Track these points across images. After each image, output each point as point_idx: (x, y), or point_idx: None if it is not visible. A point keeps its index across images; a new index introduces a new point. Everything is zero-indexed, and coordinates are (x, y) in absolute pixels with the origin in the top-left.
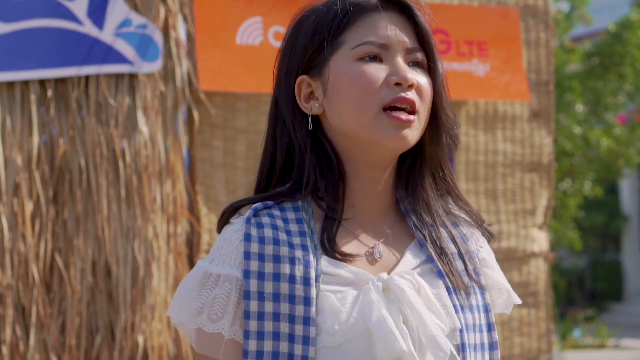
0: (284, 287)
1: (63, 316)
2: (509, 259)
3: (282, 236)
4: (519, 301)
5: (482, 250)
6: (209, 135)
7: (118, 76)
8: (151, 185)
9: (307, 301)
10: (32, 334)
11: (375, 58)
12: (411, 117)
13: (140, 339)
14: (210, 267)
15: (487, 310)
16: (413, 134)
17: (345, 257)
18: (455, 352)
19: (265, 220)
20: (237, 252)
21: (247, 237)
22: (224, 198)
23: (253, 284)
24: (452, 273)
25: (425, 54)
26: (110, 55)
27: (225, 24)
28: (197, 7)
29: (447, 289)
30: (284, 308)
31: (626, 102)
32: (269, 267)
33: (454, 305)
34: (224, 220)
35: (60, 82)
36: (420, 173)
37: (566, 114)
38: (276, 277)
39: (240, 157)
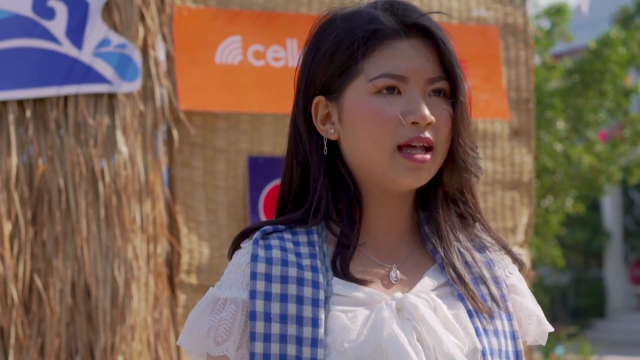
0: (292, 308)
1: (42, 337)
2: None
3: (291, 257)
4: (551, 329)
5: (512, 277)
6: (189, 154)
7: (97, 96)
8: (131, 205)
9: (315, 322)
10: (11, 356)
11: (394, 90)
12: (427, 156)
13: None
14: (219, 291)
15: (514, 337)
16: (429, 172)
17: (357, 280)
18: None
19: (275, 242)
20: (244, 274)
21: (254, 258)
22: (204, 218)
23: (259, 305)
24: (472, 297)
25: (449, 82)
26: (89, 75)
27: (204, 43)
28: (176, 27)
29: (468, 311)
30: (292, 329)
31: (607, 119)
32: (276, 288)
33: (476, 328)
34: (234, 245)
35: (39, 102)
36: (436, 200)
37: (547, 131)
38: (284, 297)
39: (220, 177)
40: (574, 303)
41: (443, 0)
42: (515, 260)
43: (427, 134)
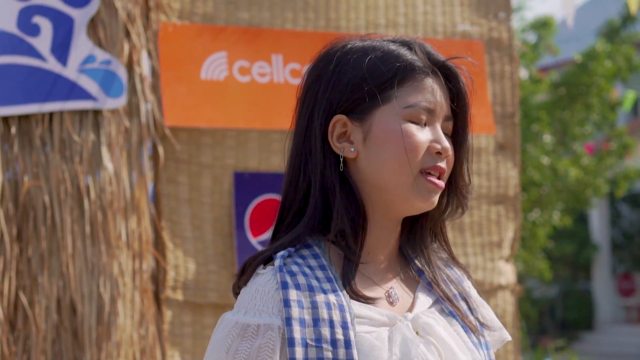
0: (325, 332)
1: (28, 354)
2: None
3: (314, 282)
4: (509, 338)
5: (471, 290)
6: (174, 170)
7: (82, 112)
8: (116, 221)
9: (347, 344)
10: None
11: (421, 120)
12: (442, 182)
13: None
14: (246, 318)
15: (487, 347)
16: (436, 199)
17: (368, 301)
18: None
19: (294, 268)
20: (273, 300)
21: (285, 285)
22: (189, 234)
23: (296, 331)
24: (461, 313)
25: (457, 123)
26: (74, 91)
27: (189, 59)
28: (161, 43)
29: (463, 327)
30: (327, 353)
31: (593, 131)
32: (308, 314)
33: (473, 342)
34: (250, 271)
35: (24, 118)
36: (422, 226)
37: (534, 144)
38: (316, 322)
39: (206, 193)
40: (562, 316)
41: (428, 16)
42: (469, 276)
43: (444, 165)
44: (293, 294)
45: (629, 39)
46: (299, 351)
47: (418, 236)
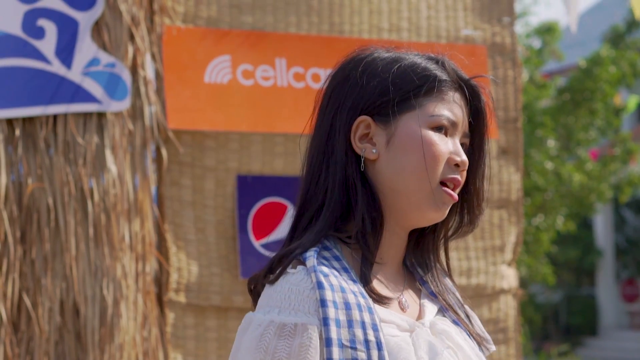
0: (358, 333)
1: (31, 356)
2: (478, 296)
3: (344, 284)
4: (493, 348)
5: (464, 300)
6: (178, 173)
7: (86, 115)
8: (120, 224)
9: (379, 346)
10: None
11: (443, 131)
12: (456, 195)
13: None
14: (282, 317)
15: (483, 355)
16: (447, 211)
17: (387, 302)
18: None
19: (325, 269)
20: (309, 300)
21: (320, 285)
22: (192, 236)
23: (333, 331)
24: (464, 322)
25: (474, 139)
26: (78, 94)
27: (193, 62)
28: (165, 46)
29: (468, 335)
30: (361, 354)
31: (597, 137)
32: (342, 315)
33: (478, 350)
34: (282, 269)
35: (28, 121)
36: (433, 238)
37: (538, 150)
38: (350, 323)
39: (209, 195)
40: (566, 321)
41: (432, 20)
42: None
43: (460, 177)
44: (329, 295)
45: (633, 44)
46: (336, 351)
47: (425, 248)
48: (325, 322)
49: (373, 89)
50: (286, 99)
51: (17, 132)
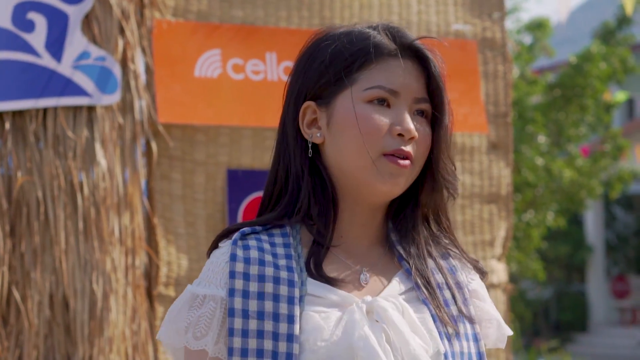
0: (268, 306)
1: (20, 350)
2: None
3: (268, 257)
4: (509, 332)
5: (474, 282)
6: (168, 167)
7: (76, 109)
8: (109, 217)
9: (290, 319)
10: None
11: (384, 102)
12: (406, 162)
13: None
14: (197, 289)
15: (476, 339)
16: (406, 181)
17: (330, 281)
18: None
19: (252, 243)
20: (222, 272)
21: (233, 257)
22: (182, 230)
23: (237, 302)
24: (436, 302)
25: (433, 105)
26: (68, 87)
27: (183, 56)
28: (155, 40)
29: (433, 316)
30: (268, 326)
31: (588, 133)
32: (253, 287)
33: (440, 332)
34: (213, 245)
35: (18, 114)
36: (412, 216)
37: (529, 145)
38: (260, 295)
39: (199, 190)
40: (556, 317)
41: (422, 15)
42: (480, 271)
43: (409, 148)
44: (239, 267)
45: (624, 41)
46: (237, 322)
47: (406, 224)
48: (230, 293)
49: (314, 73)
50: (276, 93)
51: (7, 125)
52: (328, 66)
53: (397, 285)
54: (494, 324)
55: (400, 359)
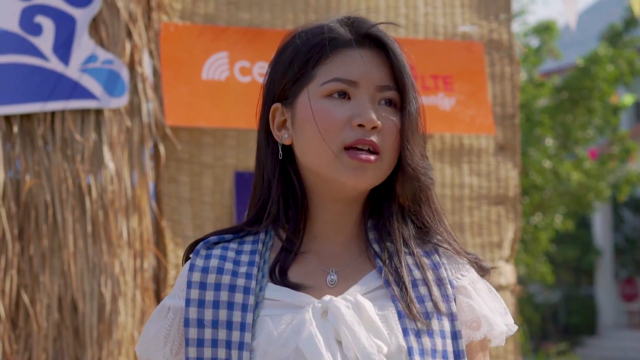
0: (223, 314)
1: (29, 352)
2: None
3: (228, 266)
4: (503, 329)
5: (463, 279)
6: (176, 170)
7: (84, 112)
8: (117, 220)
9: (243, 327)
10: None
11: (344, 95)
12: (371, 156)
13: None
14: (166, 300)
15: (455, 337)
16: (375, 174)
17: (292, 285)
18: None
19: (216, 252)
20: (183, 283)
21: (191, 268)
22: (190, 233)
23: (193, 312)
24: (407, 298)
25: (400, 91)
26: (76, 90)
27: (191, 59)
28: (162, 43)
29: (399, 312)
30: (222, 334)
31: (595, 136)
32: (209, 295)
33: (404, 329)
34: (184, 256)
35: (26, 118)
36: (388, 209)
37: (536, 148)
38: (216, 304)
39: (207, 192)
40: (564, 320)
41: (429, 17)
42: (480, 268)
43: (373, 138)
44: (196, 276)
45: (631, 43)
46: (192, 331)
47: (383, 219)
48: (186, 303)
49: (278, 75)
50: None
51: (15, 129)
52: (288, 66)
53: (364, 284)
54: (482, 322)
55: (353, 357)
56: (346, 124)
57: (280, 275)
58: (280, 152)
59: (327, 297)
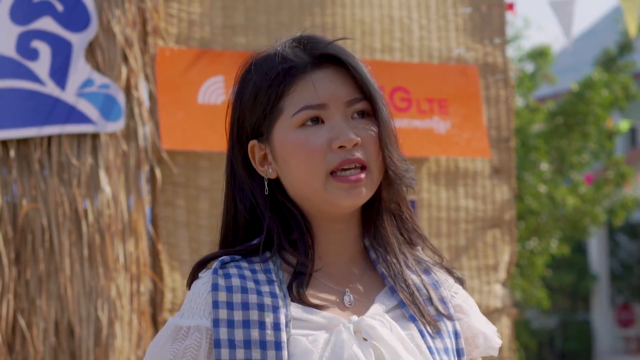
0: (255, 334)
1: None
2: None
3: (250, 284)
4: (499, 342)
5: (457, 297)
6: (172, 194)
7: (80, 136)
8: (114, 244)
9: (278, 345)
10: None
11: (317, 120)
12: (361, 175)
13: None
14: (181, 321)
15: (460, 355)
16: (368, 188)
17: (315, 305)
18: None
19: (233, 271)
20: (205, 303)
21: (215, 287)
22: (187, 257)
23: (223, 332)
24: (424, 317)
25: (367, 101)
26: (72, 115)
27: (187, 83)
28: (158, 67)
29: (420, 331)
30: (256, 354)
31: (591, 160)
32: (238, 315)
33: (429, 347)
34: (192, 275)
35: (22, 142)
36: (380, 216)
37: (532, 173)
38: (246, 324)
39: (203, 216)
40: (561, 346)
41: (424, 41)
42: (456, 278)
43: (357, 154)
44: (222, 296)
45: (625, 67)
46: (224, 352)
47: (377, 235)
48: (215, 323)
49: (244, 113)
50: None
51: (12, 153)
52: (254, 103)
53: (382, 303)
54: (480, 337)
55: None
56: (327, 148)
57: (300, 294)
58: (267, 187)
59: (354, 317)
